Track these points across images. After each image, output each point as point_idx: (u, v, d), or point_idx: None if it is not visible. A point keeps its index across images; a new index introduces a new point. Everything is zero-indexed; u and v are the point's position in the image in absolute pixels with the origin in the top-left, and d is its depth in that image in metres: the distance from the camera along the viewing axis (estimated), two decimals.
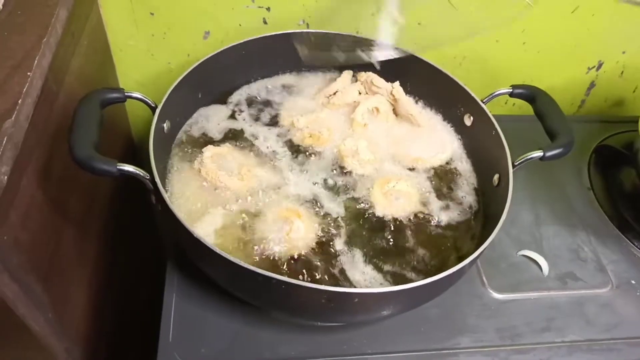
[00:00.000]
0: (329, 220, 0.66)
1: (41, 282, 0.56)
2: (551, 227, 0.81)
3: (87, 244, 0.71)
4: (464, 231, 0.69)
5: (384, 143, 0.76)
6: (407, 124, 0.79)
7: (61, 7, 0.61)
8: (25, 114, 0.50)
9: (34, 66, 0.53)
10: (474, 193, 0.73)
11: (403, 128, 0.78)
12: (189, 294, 0.67)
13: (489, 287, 0.73)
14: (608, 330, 0.71)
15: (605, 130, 0.97)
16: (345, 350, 0.65)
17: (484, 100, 0.74)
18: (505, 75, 0.96)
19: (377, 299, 0.56)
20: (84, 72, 0.70)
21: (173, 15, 0.81)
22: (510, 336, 0.68)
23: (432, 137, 0.78)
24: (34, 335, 0.56)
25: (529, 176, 0.86)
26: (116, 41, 0.83)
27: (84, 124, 0.56)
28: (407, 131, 0.78)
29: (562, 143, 0.67)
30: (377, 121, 0.78)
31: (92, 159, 0.53)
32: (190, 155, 0.70)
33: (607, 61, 1.01)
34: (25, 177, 0.52)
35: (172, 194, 0.66)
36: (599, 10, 0.90)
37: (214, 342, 0.64)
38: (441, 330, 0.68)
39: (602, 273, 0.76)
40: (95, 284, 0.74)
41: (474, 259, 0.58)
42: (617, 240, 0.81)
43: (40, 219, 0.56)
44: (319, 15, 0.84)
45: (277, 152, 0.73)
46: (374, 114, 0.78)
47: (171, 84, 0.67)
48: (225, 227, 0.63)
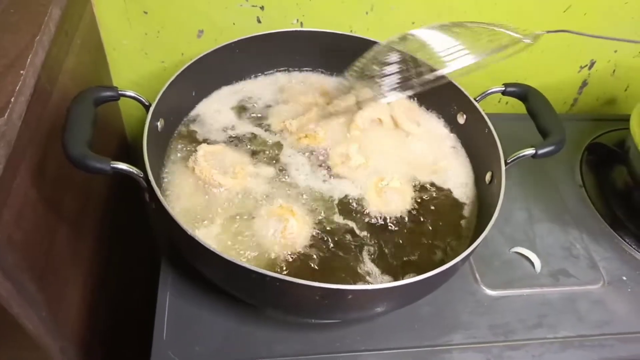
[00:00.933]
0: (323, 218, 0.66)
1: (35, 281, 0.56)
2: (544, 224, 0.81)
3: (81, 242, 0.71)
4: (457, 228, 0.69)
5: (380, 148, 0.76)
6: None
7: (54, 6, 0.61)
8: (18, 112, 0.50)
9: (27, 65, 0.53)
10: (466, 190, 0.73)
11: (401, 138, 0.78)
12: (183, 292, 0.67)
13: (482, 284, 0.73)
14: (600, 327, 0.71)
15: (597, 128, 0.98)
16: (340, 348, 0.65)
17: (476, 98, 0.75)
18: (498, 74, 0.96)
19: (371, 295, 0.56)
20: (77, 71, 0.69)
21: (166, 14, 0.81)
22: (503, 332, 0.69)
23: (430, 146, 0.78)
24: (28, 335, 0.56)
25: (521, 174, 0.86)
26: (110, 40, 0.83)
27: (77, 123, 0.56)
28: (404, 141, 0.78)
29: (554, 141, 0.67)
30: (375, 130, 0.78)
31: (86, 157, 0.53)
32: (184, 153, 0.71)
33: (599, 60, 1.01)
34: (18, 176, 0.52)
35: (166, 193, 0.66)
36: (591, 9, 0.91)
37: (209, 341, 0.64)
38: (434, 327, 0.68)
39: (594, 270, 0.77)
40: (90, 283, 0.74)
41: (466, 256, 0.58)
42: (609, 238, 0.82)
43: (34, 217, 0.56)
44: (312, 14, 0.85)
45: (271, 151, 0.73)
46: (375, 122, 0.78)
47: (165, 83, 0.68)
48: (219, 225, 0.63)
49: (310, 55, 0.83)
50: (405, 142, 0.78)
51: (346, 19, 0.86)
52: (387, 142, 0.77)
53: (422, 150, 0.77)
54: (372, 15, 0.86)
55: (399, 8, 0.86)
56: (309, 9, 0.84)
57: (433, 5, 0.86)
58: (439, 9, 0.87)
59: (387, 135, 0.78)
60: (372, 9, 0.86)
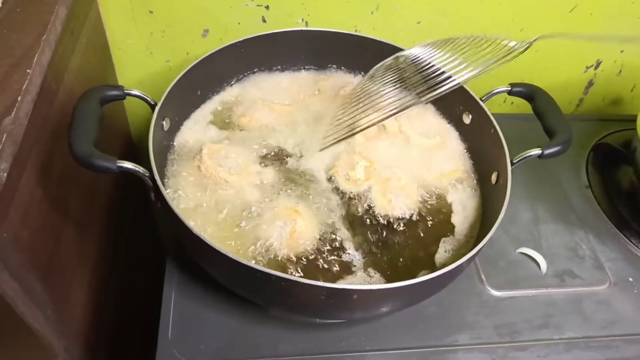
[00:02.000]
0: (330, 218, 0.66)
1: (41, 280, 0.56)
2: (549, 225, 0.81)
3: (87, 242, 0.71)
4: (463, 228, 0.69)
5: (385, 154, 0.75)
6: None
7: (60, 5, 0.61)
8: (24, 111, 0.51)
9: (34, 64, 0.53)
10: (472, 191, 0.73)
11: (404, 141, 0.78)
12: (189, 291, 0.67)
13: (487, 285, 0.73)
14: (605, 328, 0.71)
15: (603, 128, 0.98)
16: (344, 347, 0.65)
17: (482, 98, 0.74)
18: (504, 74, 0.96)
19: (376, 295, 0.56)
20: (83, 70, 0.70)
21: (172, 13, 0.81)
22: (509, 333, 0.69)
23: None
24: (33, 334, 0.56)
25: (527, 174, 0.86)
26: (115, 39, 0.83)
27: (83, 121, 0.56)
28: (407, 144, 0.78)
29: (560, 141, 0.67)
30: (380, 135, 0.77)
31: (92, 156, 0.53)
32: (189, 152, 0.70)
33: (605, 60, 1.01)
34: (24, 175, 0.52)
35: (172, 191, 0.66)
36: (597, 9, 0.91)
37: (213, 340, 0.64)
38: (440, 328, 0.68)
39: (600, 270, 0.77)
40: (95, 282, 0.74)
41: (472, 256, 0.58)
42: (615, 238, 0.81)
43: (40, 216, 0.56)
44: (318, 13, 0.85)
45: (277, 151, 0.73)
46: (379, 128, 0.78)
47: (170, 82, 0.68)
48: (225, 223, 0.63)
49: (315, 55, 0.83)
50: (409, 145, 0.77)
51: (351, 18, 0.86)
52: (391, 147, 0.76)
53: (426, 151, 0.76)
54: (378, 14, 0.86)
55: (404, 7, 0.86)
56: (314, 8, 0.84)
57: (438, 4, 0.86)
58: (444, 9, 0.87)
59: (390, 139, 0.77)
60: (378, 9, 0.85)
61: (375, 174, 0.71)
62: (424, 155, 0.76)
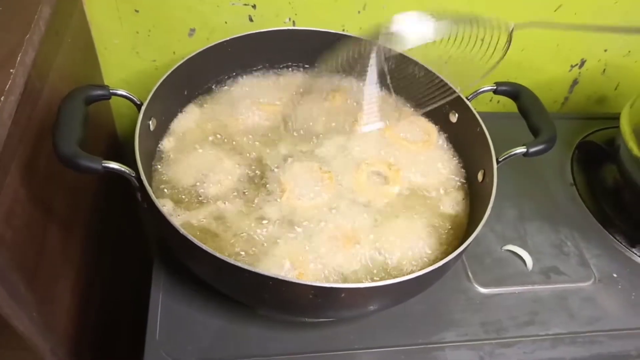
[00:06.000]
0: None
1: (25, 281, 0.55)
2: (535, 222, 0.82)
3: (72, 242, 0.71)
4: (449, 226, 0.69)
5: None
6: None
7: (44, 5, 0.60)
8: (8, 112, 0.50)
9: (17, 64, 0.53)
10: (458, 188, 0.74)
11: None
12: (176, 291, 0.67)
13: (474, 282, 0.74)
14: (591, 323, 0.72)
15: (588, 126, 0.99)
16: (333, 346, 0.65)
17: (468, 97, 0.75)
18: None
19: (364, 293, 0.56)
20: (68, 70, 0.69)
21: (158, 12, 0.81)
22: (495, 330, 0.69)
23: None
24: (18, 335, 0.55)
25: (513, 172, 0.86)
26: (101, 39, 0.83)
27: (68, 121, 0.56)
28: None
29: (545, 139, 0.67)
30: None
31: (77, 156, 0.53)
32: (175, 152, 0.70)
33: (589, 59, 1.02)
34: (8, 175, 0.52)
35: (158, 192, 0.65)
36: (582, 9, 0.92)
37: (201, 340, 0.64)
38: (427, 325, 0.69)
39: (585, 267, 0.78)
40: (81, 283, 0.73)
41: (459, 254, 0.59)
42: (600, 235, 0.82)
43: (24, 216, 0.56)
44: (305, 13, 0.85)
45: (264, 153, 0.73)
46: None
47: (156, 82, 0.67)
48: (212, 223, 0.63)
49: (301, 54, 0.83)
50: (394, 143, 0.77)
51: (338, 17, 0.86)
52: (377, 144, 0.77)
53: (412, 149, 0.77)
54: (365, 14, 0.86)
55: (390, 7, 0.86)
56: (301, 7, 0.84)
57: (425, 3, 0.86)
58: (430, 7, 0.87)
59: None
60: (365, 8, 0.86)
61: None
62: (410, 153, 0.76)
